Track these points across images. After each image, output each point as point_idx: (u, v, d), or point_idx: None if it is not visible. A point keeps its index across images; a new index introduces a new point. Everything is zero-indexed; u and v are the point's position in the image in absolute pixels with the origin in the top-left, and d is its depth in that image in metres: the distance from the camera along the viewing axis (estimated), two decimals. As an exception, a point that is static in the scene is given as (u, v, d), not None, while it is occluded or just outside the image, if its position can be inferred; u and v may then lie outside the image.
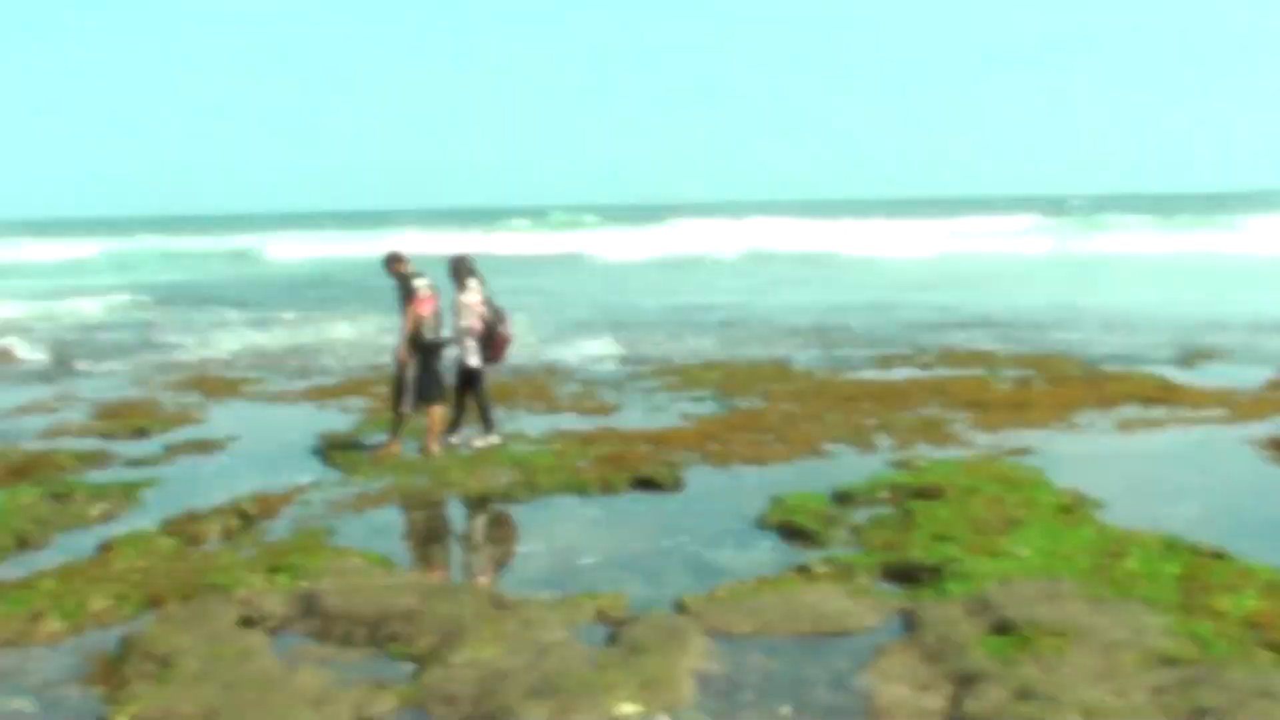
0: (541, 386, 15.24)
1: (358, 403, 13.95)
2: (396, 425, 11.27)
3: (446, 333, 11.23)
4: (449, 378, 11.41)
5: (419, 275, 11.13)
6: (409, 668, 6.12)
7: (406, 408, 11.11)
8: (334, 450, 11.49)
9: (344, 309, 27.66)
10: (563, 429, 12.23)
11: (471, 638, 6.29)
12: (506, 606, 6.82)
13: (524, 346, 19.18)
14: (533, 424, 12.56)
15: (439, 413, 11.21)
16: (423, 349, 11.03)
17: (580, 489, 9.88)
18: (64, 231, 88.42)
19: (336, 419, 13.25)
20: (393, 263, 11.27)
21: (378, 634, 6.53)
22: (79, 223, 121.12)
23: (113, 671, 6.13)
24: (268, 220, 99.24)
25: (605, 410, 13.52)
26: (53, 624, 6.87)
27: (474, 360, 11.23)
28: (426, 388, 11.11)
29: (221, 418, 13.69)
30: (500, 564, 8.09)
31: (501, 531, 8.94)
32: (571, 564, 7.90)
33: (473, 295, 11.16)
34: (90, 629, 6.83)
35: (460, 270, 11.23)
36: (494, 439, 11.40)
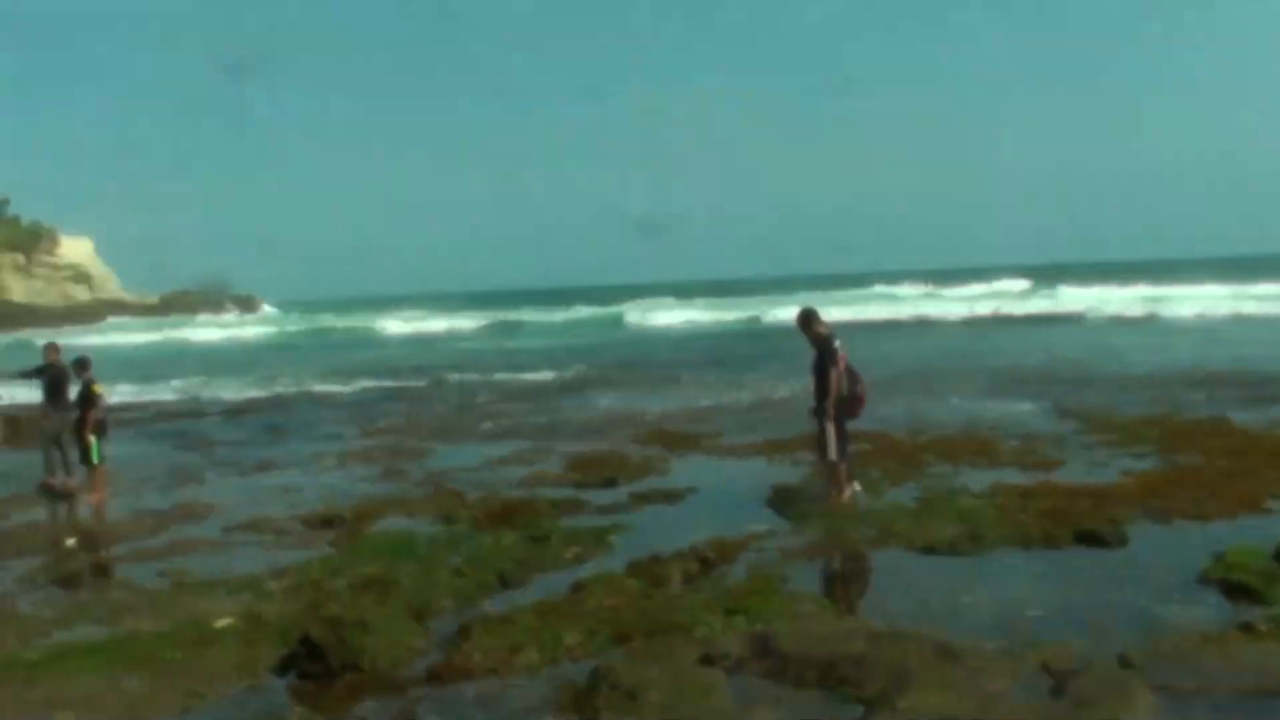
0: (985, 442, 15.07)
1: (807, 456, 14.34)
2: (836, 477, 11.54)
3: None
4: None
5: (834, 335, 11.44)
6: (858, 710, 6.25)
7: (834, 457, 11.37)
8: (785, 500, 11.90)
9: (724, 370, 28.92)
10: (1005, 483, 12.10)
11: (918, 684, 6.36)
12: (952, 655, 6.82)
13: (958, 405, 19.36)
14: (976, 479, 12.49)
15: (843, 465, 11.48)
16: (838, 404, 11.27)
17: (1023, 542, 9.76)
18: (450, 306, 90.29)
19: (787, 471, 13.71)
20: (810, 323, 11.52)
21: (828, 676, 6.68)
22: (458, 296, 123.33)
23: (583, 701, 6.53)
24: (620, 292, 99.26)
25: (1046, 465, 13.24)
26: (530, 655, 7.40)
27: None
28: (845, 439, 11.40)
29: (682, 469, 14.44)
30: (945, 613, 8.06)
31: (946, 581, 8.92)
32: (1016, 615, 7.82)
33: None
34: (563, 661, 7.34)
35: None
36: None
